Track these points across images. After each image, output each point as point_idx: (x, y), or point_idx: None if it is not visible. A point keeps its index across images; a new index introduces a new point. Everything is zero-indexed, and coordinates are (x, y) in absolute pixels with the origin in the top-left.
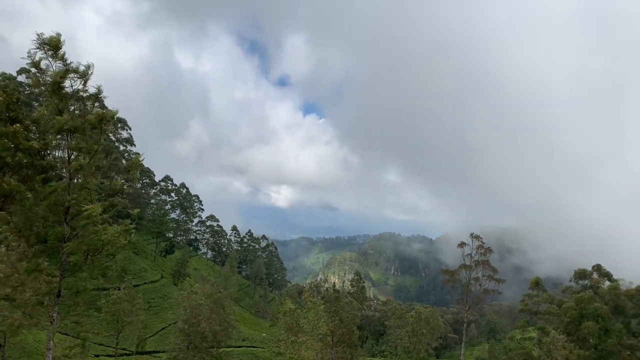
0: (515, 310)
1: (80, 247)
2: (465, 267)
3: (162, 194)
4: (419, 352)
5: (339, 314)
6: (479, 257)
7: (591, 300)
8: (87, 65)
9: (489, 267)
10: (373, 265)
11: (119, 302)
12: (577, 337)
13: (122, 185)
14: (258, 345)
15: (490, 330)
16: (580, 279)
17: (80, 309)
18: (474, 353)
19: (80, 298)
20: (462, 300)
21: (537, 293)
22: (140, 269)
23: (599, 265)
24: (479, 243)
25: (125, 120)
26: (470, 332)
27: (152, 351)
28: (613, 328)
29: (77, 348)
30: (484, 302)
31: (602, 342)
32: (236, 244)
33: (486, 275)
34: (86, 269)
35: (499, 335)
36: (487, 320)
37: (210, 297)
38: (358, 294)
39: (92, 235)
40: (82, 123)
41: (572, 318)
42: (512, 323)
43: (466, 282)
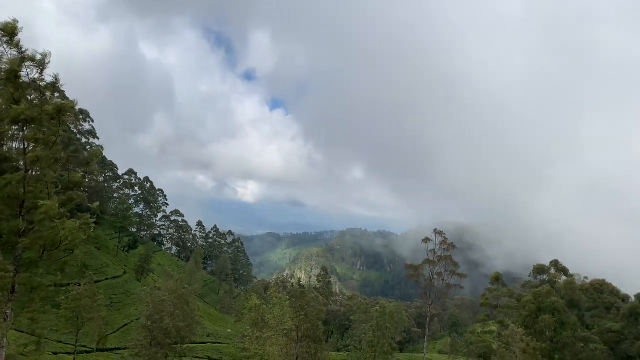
0: (477, 305)
1: (37, 242)
2: (429, 263)
3: (126, 188)
4: (383, 346)
5: (304, 309)
6: (442, 253)
7: (548, 295)
8: (43, 54)
9: (451, 262)
10: (339, 261)
11: (79, 298)
12: (535, 330)
13: (81, 178)
14: (223, 341)
15: (453, 324)
16: (539, 274)
17: (35, 305)
18: (436, 347)
19: (36, 294)
20: (426, 294)
21: (497, 288)
22: (102, 265)
23: (556, 261)
24: (443, 239)
25: (87, 111)
26: (433, 326)
27: (113, 348)
28: (568, 321)
29: (33, 345)
30: (446, 296)
31: (558, 334)
32: (201, 240)
33: (449, 271)
34: (43, 264)
35: (461, 329)
36: (449, 314)
37: (174, 293)
38: (324, 289)
39: (48, 230)
40: (40, 113)
41: (530, 312)
42: (473, 317)
43: (430, 277)
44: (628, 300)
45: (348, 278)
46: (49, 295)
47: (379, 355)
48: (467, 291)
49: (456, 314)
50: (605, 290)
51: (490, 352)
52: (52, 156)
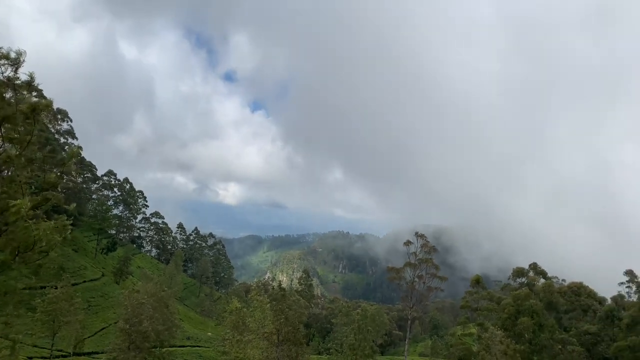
0: (457, 307)
1: (10, 244)
2: (410, 265)
3: (105, 189)
4: (364, 349)
5: (285, 312)
6: (423, 255)
7: (527, 297)
8: (18, 52)
9: (432, 265)
10: (321, 264)
11: (55, 301)
12: (514, 332)
13: (56, 178)
14: (203, 345)
15: (434, 327)
16: (518, 277)
17: (9, 309)
18: (417, 349)
19: (10, 298)
20: (407, 297)
21: (477, 290)
22: (79, 267)
23: (535, 264)
24: (423, 241)
25: (66, 111)
26: (414, 328)
27: (91, 352)
28: (546, 323)
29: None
30: (427, 299)
31: (537, 336)
32: (182, 242)
33: (430, 273)
34: (16, 266)
35: (442, 331)
36: (430, 317)
37: (154, 296)
38: (306, 292)
39: (22, 231)
40: (14, 112)
41: (510, 314)
42: (454, 319)
43: (411, 280)
44: (604, 303)
45: (330, 281)
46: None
47: (360, 357)
48: (444, 294)
49: (437, 316)
50: (582, 293)
51: (470, 354)
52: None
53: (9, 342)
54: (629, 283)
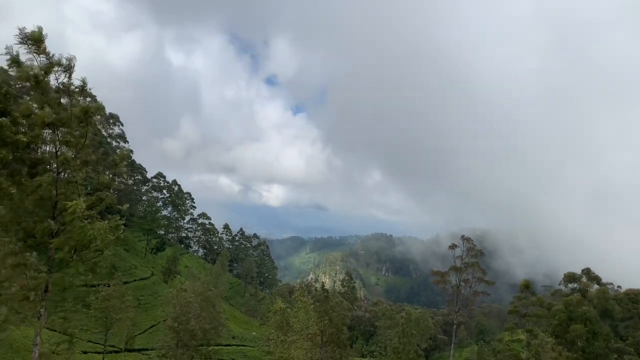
0: (504, 312)
1: (68, 243)
2: (456, 269)
3: (154, 190)
4: (409, 353)
5: (329, 313)
6: (469, 259)
7: (580, 304)
8: (69, 58)
9: (479, 269)
10: (364, 266)
11: (108, 299)
12: (565, 339)
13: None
14: (248, 344)
15: (480, 332)
16: (570, 282)
17: (67, 305)
18: (462, 354)
19: (68, 294)
20: (452, 301)
21: (526, 296)
22: (130, 266)
23: (588, 269)
24: (470, 245)
25: (117, 115)
26: (459, 333)
27: (141, 349)
28: (601, 331)
29: (65, 344)
30: (473, 303)
31: (590, 345)
32: (227, 243)
33: (476, 277)
34: (74, 264)
35: (488, 337)
36: (476, 322)
37: (201, 295)
38: (349, 294)
39: (79, 231)
40: (68, 116)
41: (561, 321)
42: (501, 325)
43: (456, 284)
44: None
45: (372, 283)
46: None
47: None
48: (490, 298)
49: (483, 321)
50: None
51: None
52: (81, 158)
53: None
54: None
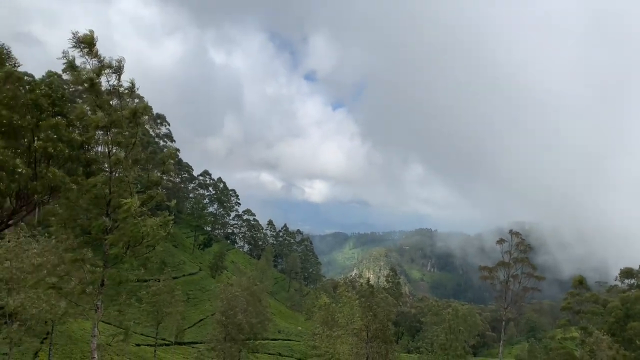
0: (556, 309)
1: (121, 239)
2: (504, 264)
3: (200, 188)
4: (456, 349)
5: (373, 309)
6: (518, 254)
7: (638, 300)
8: (118, 60)
9: (528, 264)
10: (409, 262)
11: (158, 293)
12: (623, 337)
13: (159, 177)
14: (294, 339)
15: (530, 329)
16: (627, 278)
17: (122, 298)
18: (512, 352)
19: (123, 288)
20: (501, 297)
21: (579, 292)
22: (179, 262)
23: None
24: (518, 240)
25: (164, 116)
26: (509, 330)
27: (190, 342)
28: None
29: (120, 336)
30: (523, 300)
31: None
32: (272, 238)
33: (525, 273)
34: (127, 260)
35: (539, 334)
36: (526, 318)
37: (247, 290)
38: (393, 290)
39: (131, 227)
40: (119, 118)
41: (617, 318)
42: (552, 322)
43: (505, 280)
44: None
45: (418, 279)
46: (134, 289)
47: (452, 358)
48: (540, 295)
49: (534, 318)
50: None
51: (572, 359)
52: (132, 157)
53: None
54: None
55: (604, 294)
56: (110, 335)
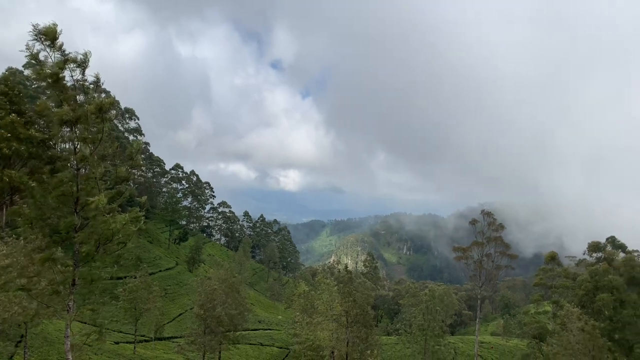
0: (529, 285)
1: (91, 237)
2: (477, 244)
3: (173, 182)
4: (434, 329)
5: (353, 294)
6: (491, 234)
7: (606, 273)
8: (84, 54)
9: (501, 243)
10: (385, 246)
11: (135, 290)
12: (592, 309)
13: (127, 172)
14: (274, 328)
15: (505, 306)
16: (594, 252)
17: (95, 297)
18: (488, 329)
19: (95, 286)
20: (475, 277)
21: (552, 267)
22: (155, 257)
23: (613, 237)
24: (491, 219)
25: (132, 110)
26: (484, 308)
27: (170, 337)
28: (628, 299)
29: (95, 335)
30: (496, 278)
31: (618, 313)
32: (249, 229)
33: (498, 252)
34: (99, 257)
35: (513, 310)
36: (501, 296)
37: (225, 282)
38: (371, 274)
39: (101, 225)
40: (84, 113)
41: (587, 291)
42: (526, 298)
43: (479, 259)
44: None
45: (395, 263)
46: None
47: (430, 338)
48: (512, 272)
49: (507, 295)
50: None
51: (545, 332)
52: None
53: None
54: None
55: (574, 268)
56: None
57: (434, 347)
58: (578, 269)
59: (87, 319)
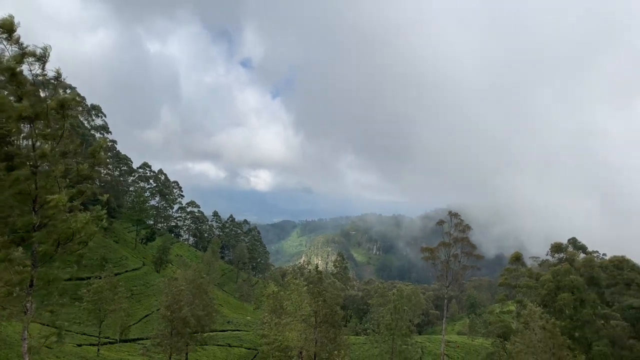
0: (494, 285)
1: (50, 236)
2: (444, 245)
3: (141, 181)
4: (401, 329)
5: (322, 294)
6: (458, 234)
7: (567, 273)
8: (43, 48)
9: (468, 243)
10: (355, 246)
11: (100, 291)
12: (554, 308)
13: (89, 170)
14: (243, 329)
15: (471, 305)
16: (557, 252)
17: (54, 298)
18: (455, 328)
19: (54, 287)
20: (443, 277)
21: (516, 267)
22: (121, 257)
23: (574, 239)
24: (458, 220)
25: (99, 107)
26: (451, 307)
27: (136, 338)
28: (588, 298)
29: (53, 337)
30: (463, 278)
31: (578, 312)
32: (218, 230)
33: (465, 252)
34: (58, 257)
35: (479, 309)
36: (467, 295)
37: (193, 283)
38: (341, 275)
39: (61, 224)
40: (44, 109)
41: (549, 290)
42: (491, 298)
43: (446, 259)
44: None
45: (365, 263)
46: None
47: (397, 337)
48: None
49: (474, 295)
50: (625, 267)
51: (509, 331)
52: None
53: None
54: None
55: (537, 269)
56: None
57: (401, 346)
58: (541, 269)
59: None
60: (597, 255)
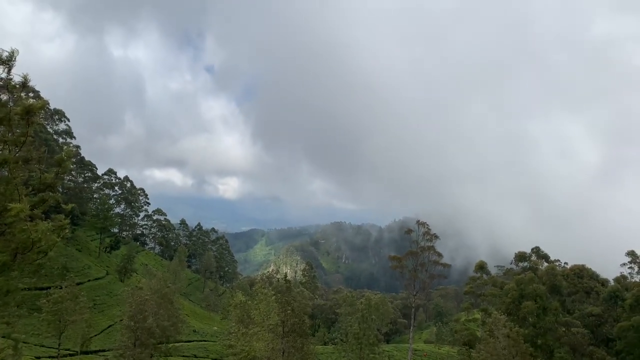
0: (461, 294)
1: (9, 245)
2: (412, 254)
3: (106, 188)
4: (369, 338)
5: (291, 304)
6: (425, 243)
7: (531, 281)
8: (10, 52)
9: (434, 252)
10: (325, 255)
11: (60, 301)
12: (518, 316)
13: (53, 178)
14: (209, 339)
15: (438, 314)
16: (520, 261)
17: (10, 309)
18: (422, 336)
19: (11, 298)
20: (410, 285)
21: (480, 275)
22: (84, 266)
23: (537, 248)
24: (425, 229)
25: (62, 111)
26: (418, 316)
27: (98, 350)
28: (550, 306)
29: (9, 350)
30: (430, 286)
31: (541, 320)
32: (185, 238)
33: (432, 261)
34: (16, 267)
35: (446, 318)
36: (434, 304)
37: (158, 292)
38: (310, 284)
39: (20, 233)
40: (7, 114)
41: (513, 298)
42: (458, 306)
43: (413, 268)
44: (607, 284)
45: (333, 271)
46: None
47: (365, 346)
48: (444, 281)
49: (440, 303)
50: (584, 275)
51: (475, 339)
52: (21, 157)
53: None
54: (631, 264)
55: (502, 277)
56: None
57: (368, 355)
58: (506, 278)
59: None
60: (559, 264)
